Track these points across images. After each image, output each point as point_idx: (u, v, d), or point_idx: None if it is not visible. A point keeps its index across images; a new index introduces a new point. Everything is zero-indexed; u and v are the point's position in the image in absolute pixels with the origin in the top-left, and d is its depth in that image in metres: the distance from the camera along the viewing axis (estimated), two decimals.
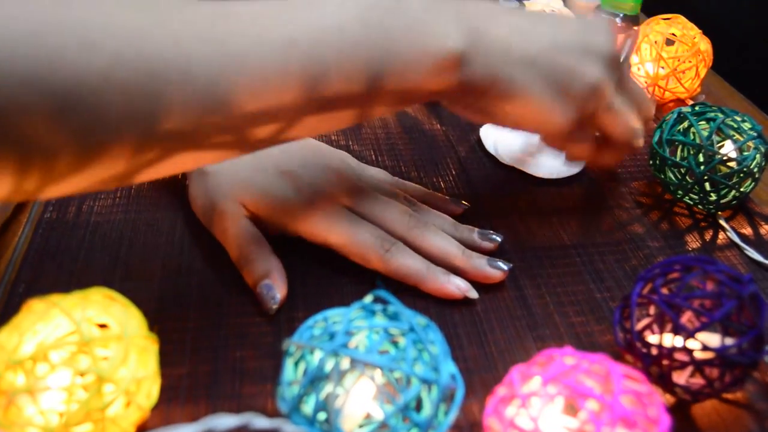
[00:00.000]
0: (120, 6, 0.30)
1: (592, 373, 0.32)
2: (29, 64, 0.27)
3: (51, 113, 0.27)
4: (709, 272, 0.37)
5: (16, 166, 0.29)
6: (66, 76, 0.27)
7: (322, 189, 0.46)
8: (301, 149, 0.48)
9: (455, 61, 0.38)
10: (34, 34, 0.27)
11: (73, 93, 0.28)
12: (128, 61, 0.29)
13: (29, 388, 0.31)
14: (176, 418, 0.36)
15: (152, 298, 0.44)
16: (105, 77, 0.28)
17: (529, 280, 0.47)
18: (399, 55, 0.36)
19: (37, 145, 0.28)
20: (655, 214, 0.54)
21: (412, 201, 0.49)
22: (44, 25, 0.27)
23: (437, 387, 0.31)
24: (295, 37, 0.33)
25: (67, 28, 0.28)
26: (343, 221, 0.44)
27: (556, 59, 0.41)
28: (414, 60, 0.36)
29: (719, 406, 0.39)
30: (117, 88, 0.29)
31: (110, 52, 0.28)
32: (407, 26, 0.36)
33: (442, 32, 0.37)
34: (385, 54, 0.35)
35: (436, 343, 0.33)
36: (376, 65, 0.35)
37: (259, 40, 0.32)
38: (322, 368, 0.31)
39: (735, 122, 0.51)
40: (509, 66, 0.40)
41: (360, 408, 0.31)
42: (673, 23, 0.66)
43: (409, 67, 0.36)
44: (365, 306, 0.35)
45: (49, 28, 0.27)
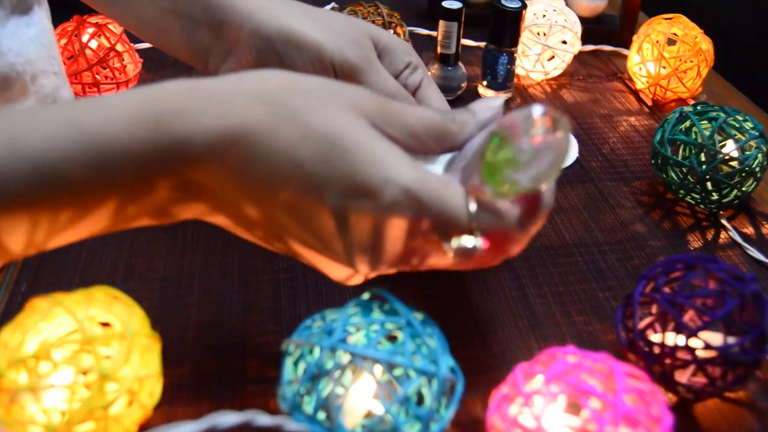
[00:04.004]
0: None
1: (594, 372, 0.32)
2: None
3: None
4: (712, 271, 0.37)
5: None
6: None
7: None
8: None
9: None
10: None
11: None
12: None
13: (32, 387, 0.31)
14: (179, 417, 0.36)
15: (155, 296, 0.44)
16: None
17: (531, 279, 0.47)
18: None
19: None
20: (656, 214, 0.54)
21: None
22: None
23: (437, 379, 0.31)
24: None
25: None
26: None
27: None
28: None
29: (721, 404, 0.39)
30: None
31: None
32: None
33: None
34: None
35: (433, 337, 0.34)
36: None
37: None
38: (322, 365, 0.31)
39: (737, 122, 0.51)
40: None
41: (360, 402, 0.32)
42: (674, 23, 0.66)
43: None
44: (362, 303, 0.35)
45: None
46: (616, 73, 0.75)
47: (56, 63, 0.51)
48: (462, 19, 0.63)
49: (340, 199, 0.31)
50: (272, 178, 0.31)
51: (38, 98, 0.49)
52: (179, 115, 0.30)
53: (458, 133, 0.36)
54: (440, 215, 0.31)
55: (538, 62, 0.71)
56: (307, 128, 0.31)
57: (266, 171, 0.31)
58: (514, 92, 0.70)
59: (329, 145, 0.31)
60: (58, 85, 0.51)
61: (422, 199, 0.31)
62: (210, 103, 0.31)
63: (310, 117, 0.31)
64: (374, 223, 0.31)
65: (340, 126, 0.31)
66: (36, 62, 0.48)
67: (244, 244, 0.48)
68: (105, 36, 0.62)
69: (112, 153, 0.29)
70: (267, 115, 0.31)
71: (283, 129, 0.31)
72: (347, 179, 0.31)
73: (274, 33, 0.43)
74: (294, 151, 0.31)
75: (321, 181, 0.31)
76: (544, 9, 0.70)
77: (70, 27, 0.62)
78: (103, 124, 0.29)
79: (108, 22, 0.63)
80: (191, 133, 0.30)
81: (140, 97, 0.30)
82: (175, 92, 0.31)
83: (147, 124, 0.30)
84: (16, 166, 0.28)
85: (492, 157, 0.32)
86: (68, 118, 0.29)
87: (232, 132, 0.30)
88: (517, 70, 0.71)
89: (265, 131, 0.31)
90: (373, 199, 0.31)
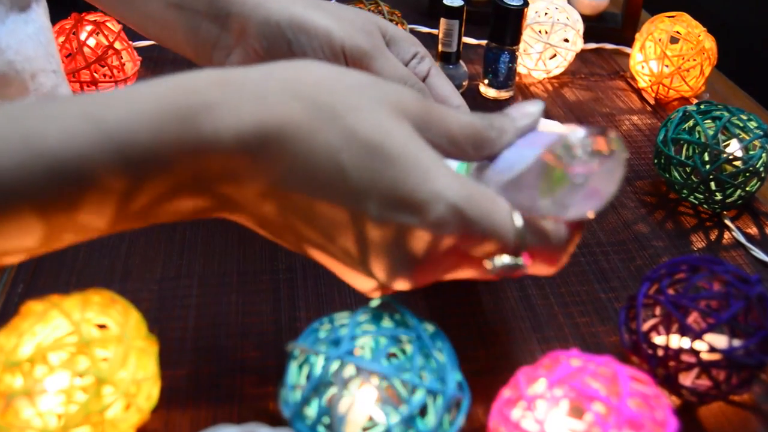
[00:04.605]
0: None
1: (598, 376, 0.31)
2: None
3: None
4: (716, 273, 0.36)
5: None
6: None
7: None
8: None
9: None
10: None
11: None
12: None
13: (27, 390, 0.30)
14: (176, 421, 0.36)
15: (153, 298, 0.43)
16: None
17: (532, 280, 0.46)
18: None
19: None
20: (659, 214, 0.54)
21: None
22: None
23: (443, 397, 0.31)
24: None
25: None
26: None
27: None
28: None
29: (726, 408, 0.38)
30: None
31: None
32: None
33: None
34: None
35: (443, 351, 0.33)
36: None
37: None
38: (327, 374, 0.31)
39: (741, 121, 0.50)
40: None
41: (364, 416, 0.31)
42: (677, 21, 0.65)
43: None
44: (372, 310, 0.34)
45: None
46: (618, 72, 0.74)
47: (55, 61, 0.51)
48: (463, 16, 0.62)
49: (382, 210, 0.29)
50: (310, 182, 0.29)
51: (37, 96, 0.48)
52: (208, 110, 0.28)
53: (497, 141, 0.34)
54: (487, 233, 0.30)
55: (539, 60, 0.70)
56: (348, 131, 0.29)
57: (303, 174, 0.29)
58: (515, 91, 0.69)
59: (373, 153, 0.29)
60: (56, 83, 0.51)
61: (470, 216, 0.29)
62: (241, 97, 0.29)
63: (352, 119, 0.29)
64: (416, 239, 0.30)
65: (384, 131, 0.29)
66: (35, 60, 0.48)
67: (243, 245, 0.48)
68: (103, 34, 0.61)
69: (133, 151, 0.27)
70: (305, 113, 0.29)
71: (323, 130, 0.29)
72: (391, 191, 0.29)
73: (284, 21, 0.43)
74: (335, 156, 0.29)
75: (363, 191, 0.29)
76: (546, 7, 0.70)
77: (68, 25, 0.61)
78: (123, 120, 0.27)
79: (106, 20, 0.63)
80: (220, 131, 0.28)
81: (165, 89, 0.28)
82: (204, 84, 0.29)
83: (171, 120, 0.28)
84: (32, 165, 0.26)
85: (548, 182, 0.31)
86: (84, 117, 0.27)
87: (266, 130, 0.28)
88: (519, 68, 0.70)
89: (302, 131, 0.29)
90: (418, 214, 0.29)
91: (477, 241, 0.30)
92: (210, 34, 0.46)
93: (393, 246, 0.30)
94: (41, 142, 0.26)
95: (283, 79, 0.30)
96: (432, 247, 0.30)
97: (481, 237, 0.30)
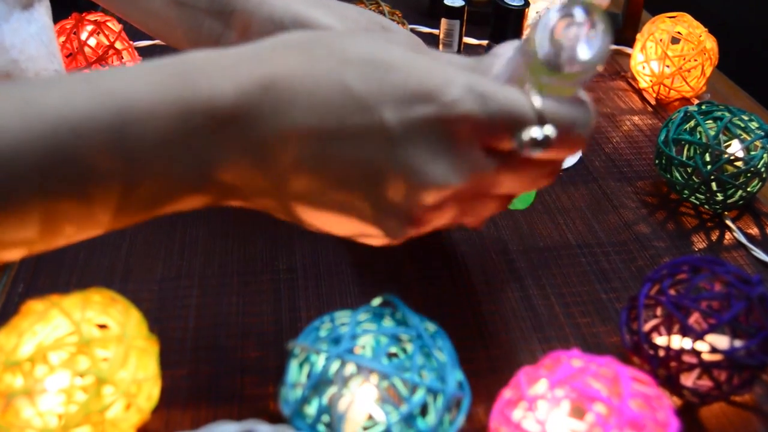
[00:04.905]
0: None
1: (600, 376, 0.31)
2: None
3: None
4: (718, 273, 0.36)
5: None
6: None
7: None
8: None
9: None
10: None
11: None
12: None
13: (27, 390, 0.30)
14: (177, 420, 0.36)
15: (153, 298, 0.43)
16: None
17: (533, 280, 0.46)
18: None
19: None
20: (661, 214, 0.54)
21: None
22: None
23: (443, 396, 0.31)
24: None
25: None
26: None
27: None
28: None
29: (727, 408, 0.38)
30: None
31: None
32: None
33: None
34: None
35: (443, 350, 0.33)
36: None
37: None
38: (327, 373, 0.31)
39: (742, 121, 0.50)
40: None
41: (364, 414, 0.31)
42: (678, 21, 0.65)
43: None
44: (373, 309, 0.34)
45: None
46: (619, 72, 0.74)
47: (56, 60, 0.51)
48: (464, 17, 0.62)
49: (397, 111, 0.29)
50: (319, 112, 0.29)
51: None
52: (204, 73, 0.29)
53: (486, 72, 0.34)
54: (507, 106, 0.29)
55: None
56: (346, 56, 0.29)
57: (311, 106, 0.29)
58: None
59: (374, 64, 0.29)
60: None
61: (485, 92, 0.29)
62: (235, 61, 0.29)
63: (347, 47, 0.30)
64: (439, 127, 0.29)
65: (381, 48, 0.30)
66: (37, 59, 0.48)
67: (243, 245, 0.48)
68: (104, 34, 0.61)
69: (135, 111, 0.27)
70: (300, 57, 0.30)
71: (321, 63, 0.29)
72: (402, 88, 0.29)
73: (288, 18, 0.43)
74: (337, 79, 0.29)
75: (373, 99, 0.29)
76: (546, 7, 0.70)
77: (68, 24, 0.61)
78: (122, 82, 0.27)
79: (107, 20, 0.63)
80: (220, 88, 0.28)
81: (161, 62, 0.29)
82: (201, 56, 0.30)
83: (172, 83, 0.28)
84: (31, 128, 0.26)
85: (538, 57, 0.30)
86: (85, 80, 0.27)
87: (265, 78, 0.29)
88: None
89: (300, 71, 0.29)
90: (435, 99, 0.29)
91: (499, 120, 0.29)
92: (212, 31, 0.46)
93: (421, 148, 0.29)
94: (42, 103, 0.26)
95: (275, 41, 0.31)
96: (458, 133, 0.29)
97: (501, 112, 0.29)
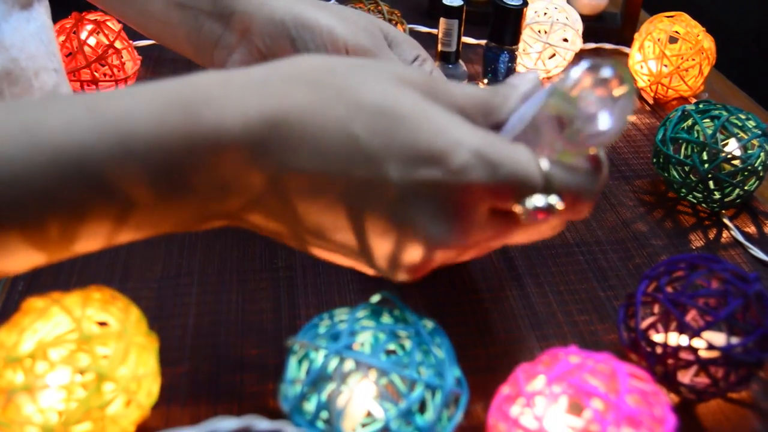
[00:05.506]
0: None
1: (597, 372, 0.31)
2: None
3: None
4: (715, 271, 0.36)
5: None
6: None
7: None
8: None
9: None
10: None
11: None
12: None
13: (28, 387, 0.31)
14: (177, 417, 0.36)
15: (153, 296, 0.44)
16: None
17: (532, 278, 0.46)
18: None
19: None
20: (658, 213, 0.54)
21: None
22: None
23: (441, 392, 0.31)
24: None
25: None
26: None
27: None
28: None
29: (724, 405, 0.39)
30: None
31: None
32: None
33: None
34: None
35: (442, 347, 0.33)
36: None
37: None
38: (326, 369, 0.31)
39: (739, 120, 0.50)
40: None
41: (362, 409, 0.31)
42: (676, 21, 0.66)
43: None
44: (372, 306, 0.34)
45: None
46: None
47: (56, 60, 0.51)
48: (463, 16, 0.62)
49: (402, 170, 0.28)
50: (324, 159, 0.28)
51: (41, 95, 0.48)
52: (210, 102, 0.28)
53: (502, 106, 0.33)
54: (513, 175, 0.29)
55: (539, 60, 0.70)
56: (356, 103, 0.28)
57: (316, 152, 0.28)
58: None
59: (384, 116, 0.28)
60: (58, 82, 0.51)
61: (493, 158, 0.28)
62: (244, 91, 0.28)
63: (357, 91, 0.29)
64: (444, 193, 0.28)
65: (392, 95, 0.29)
66: (37, 58, 0.48)
67: (243, 244, 0.48)
68: (104, 33, 0.62)
69: (136, 142, 0.26)
70: (310, 95, 0.28)
71: (330, 106, 0.28)
72: (408, 147, 0.28)
73: (289, 18, 0.43)
74: (345, 128, 0.28)
75: (380, 154, 0.28)
76: (545, 7, 0.70)
77: (68, 24, 0.61)
78: (124, 111, 0.27)
79: (107, 19, 0.63)
80: (225, 122, 0.27)
81: (167, 86, 0.28)
82: (206, 82, 0.29)
83: (175, 112, 0.27)
84: (32, 158, 0.25)
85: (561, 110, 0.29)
86: (86, 107, 0.27)
87: (272, 116, 0.28)
88: (518, 68, 0.70)
89: (309, 111, 0.28)
90: (441, 163, 0.28)
91: (505, 187, 0.29)
92: (212, 33, 0.46)
93: (423, 208, 0.29)
94: (42, 132, 0.26)
95: (285, 71, 0.30)
96: (461, 199, 0.29)
97: (508, 180, 0.29)
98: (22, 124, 0.26)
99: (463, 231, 0.30)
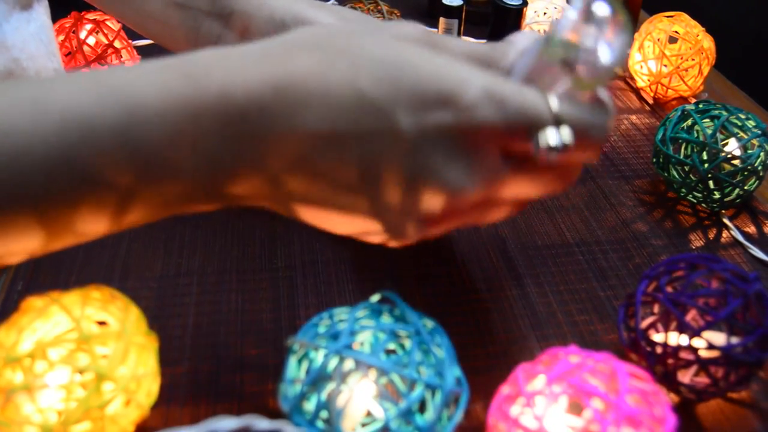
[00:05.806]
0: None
1: (597, 372, 0.31)
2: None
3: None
4: (715, 270, 0.36)
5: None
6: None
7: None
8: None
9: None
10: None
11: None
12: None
13: (27, 386, 0.31)
14: (176, 417, 0.36)
15: (152, 296, 0.44)
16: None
17: (531, 278, 0.46)
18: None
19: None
20: (658, 212, 0.54)
21: None
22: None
23: (441, 392, 0.31)
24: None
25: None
26: None
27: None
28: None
29: (724, 405, 0.39)
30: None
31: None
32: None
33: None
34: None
35: (442, 347, 0.33)
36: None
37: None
38: (326, 368, 0.31)
39: (739, 120, 0.50)
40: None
41: (362, 409, 0.31)
42: (676, 21, 0.66)
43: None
44: (372, 306, 0.34)
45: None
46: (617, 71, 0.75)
47: (56, 59, 0.51)
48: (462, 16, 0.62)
49: (412, 116, 0.28)
50: (333, 116, 0.28)
51: None
52: (212, 74, 0.28)
53: (501, 59, 0.33)
54: (523, 109, 0.29)
55: None
56: (358, 58, 0.28)
57: (324, 114, 0.28)
58: None
59: (388, 65, 0.28)
60: None
61: (502, 94, 0.28)
62: (244, 62, 0.28)
63: (358, 48, 0.29)
64: (457, 134, 0.28)
65: (393, 48, 0.29)
66: (37, 58, 0.48)
67: (242, 243, 0.48)
68: (103, 32, 0.62)
69: (142, 113, 0.27)
70: (311, 58, 0.29)
71: (333, 66, 0.28)
72: (417, 91, 0.28)
73: (289, 18, 0.43)
74: (350, 83, 0.28)
75: (388, 102, 0.28)
76: (544, 6, 0.70)
77: (67, 23, 0.61)
78: (129, 82, 0.27)
79: (106, 19, 0.63)
80: (228, 89, 0.27)
81: (166, 61, 0.28)
82: (204, 56, 0.29)
83: (178, 82, 0.27)
84: (39, 125, 0.25)
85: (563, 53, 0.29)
86: (92, 79, 0.27)
87: (276, 81, 0.28)
88: None
89: (312, 73, 0.28)
90: (451, 103, 0.28)
91: (516, 123, 0.29)
92: (211, 32, 0.46)
93: (437, 155, 0.29)
94: (50, 101, 0.26)
95: (284, 40, 0.30)
96: (475, 140, 0.29)
97: (518, 115, 0.29)
98: (30, 96, 0.26)
99: (480, 174, 0.30)
